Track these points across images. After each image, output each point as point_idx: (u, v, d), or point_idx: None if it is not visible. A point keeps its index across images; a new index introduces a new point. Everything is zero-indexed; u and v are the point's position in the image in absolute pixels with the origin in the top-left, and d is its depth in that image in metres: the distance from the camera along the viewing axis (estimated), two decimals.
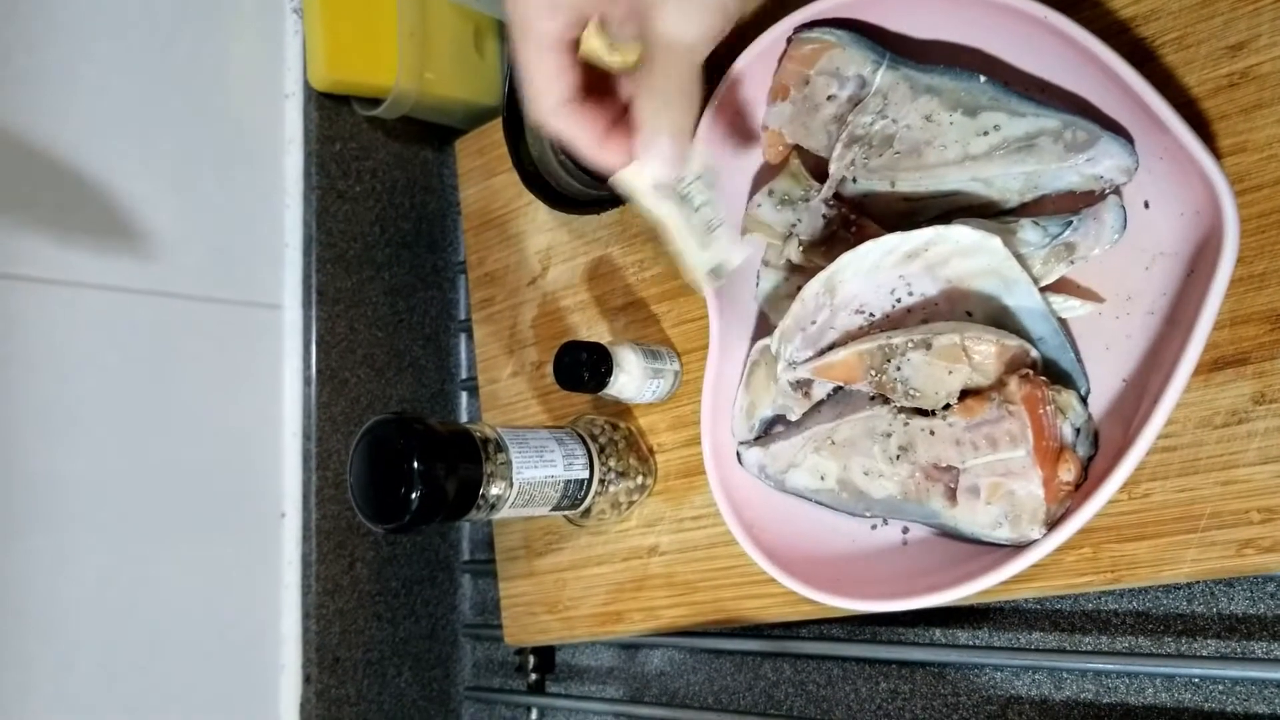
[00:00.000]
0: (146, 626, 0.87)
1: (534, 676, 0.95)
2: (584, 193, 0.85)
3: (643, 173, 0.57)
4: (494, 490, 0.71)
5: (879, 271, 0.62)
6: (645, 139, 0.54)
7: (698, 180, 0.61)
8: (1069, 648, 0.69)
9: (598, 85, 0.58)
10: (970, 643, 0.73)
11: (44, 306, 0.82)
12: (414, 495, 0.66)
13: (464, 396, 1.08)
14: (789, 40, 0.67)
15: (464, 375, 1.08)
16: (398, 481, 0.66)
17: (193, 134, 0.93)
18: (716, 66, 0.70)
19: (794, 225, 0.69)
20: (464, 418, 1.08)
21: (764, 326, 0.73)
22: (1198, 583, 0.65)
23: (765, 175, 0.72)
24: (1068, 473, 0.57)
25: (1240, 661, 0.62)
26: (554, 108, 0.55)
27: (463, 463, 0.69)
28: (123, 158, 0.88)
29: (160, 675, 0.87)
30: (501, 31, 1.05)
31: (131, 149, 0.89)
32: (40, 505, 0.82)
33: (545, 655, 0.96)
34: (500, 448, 0.72)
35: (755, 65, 0.68)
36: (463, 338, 1.08)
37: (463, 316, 1.08)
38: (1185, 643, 0.65)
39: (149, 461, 0.88)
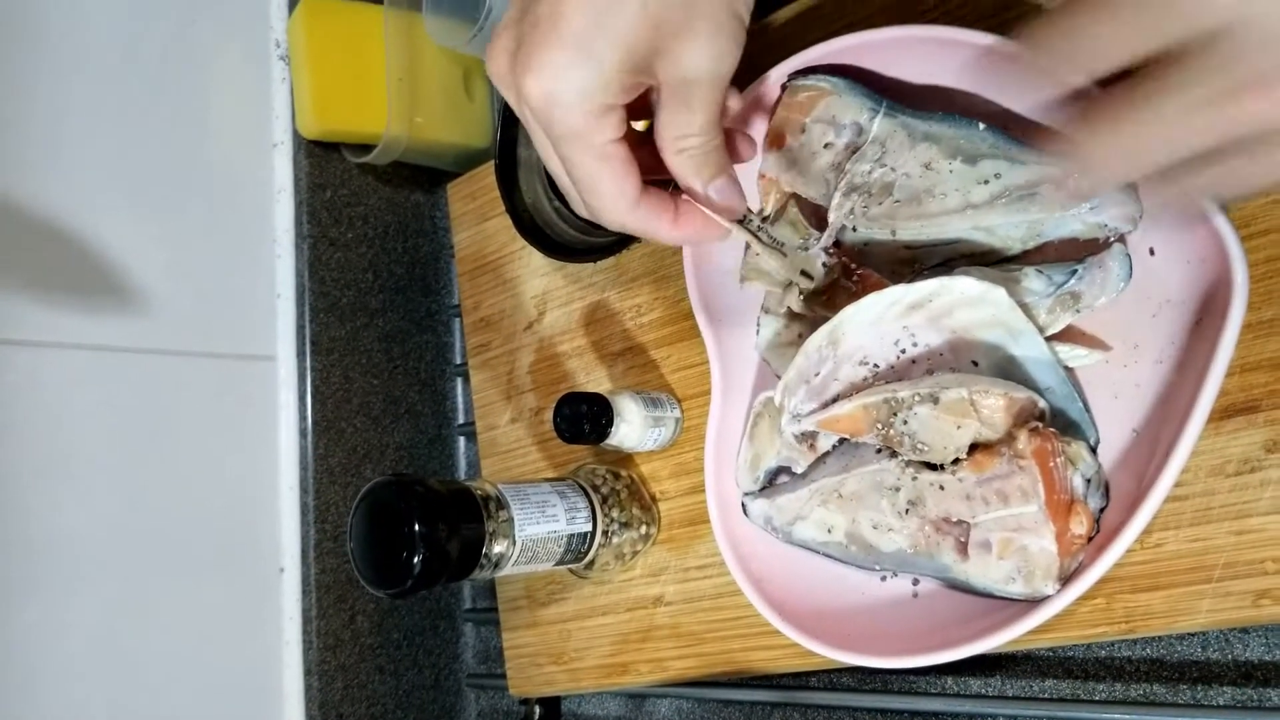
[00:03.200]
0: (147, 687, 0.85)
1: None
2: (580, 240, 0.84)
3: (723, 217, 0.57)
4: (497, 549, 0.70)
5: (882, 323, 0.62)
6: (708, 193, 0.54)
7: (754, 220, 0.60)
8: (1083, 696, 0.68)
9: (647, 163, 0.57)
10: (982, 691, 0.72)
11: (35, 370, 0.81)
12: (416, 558, 0.65)
13: (461, 442, 1.07)
14: (783, 87, 0.66)
15: (461, 420, 1.07)
16: (399, 545, 0.66)
17: (180, 187, 0.92)
18: None
19: None
20: (462, 464, 1.07)
21: (765, 374, 0.72)
22: (1213, 630, 0.64)
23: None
24: (1080, 525, 0.57)
25: (1257, 710, 0.62)
26: (629, 206, 0.53)
27: (464, 523, 0.69)
28: (109, 214, 0.87)
29: None
30: None
31: (118, 204, 0.88)
32: (39, 566, 0.81)
33: (551, 705, 0.95)
34: (501, 505, 0.71)
35: (750, 112, 0.68)
36: (459, 382, 1.08)
37: (459, 360, 1.07)
38: (1201, 690, 0.64)
39: (146, 521, 0.87)
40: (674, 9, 0.46)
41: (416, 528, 0.65)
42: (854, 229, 0.65)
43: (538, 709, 0.94)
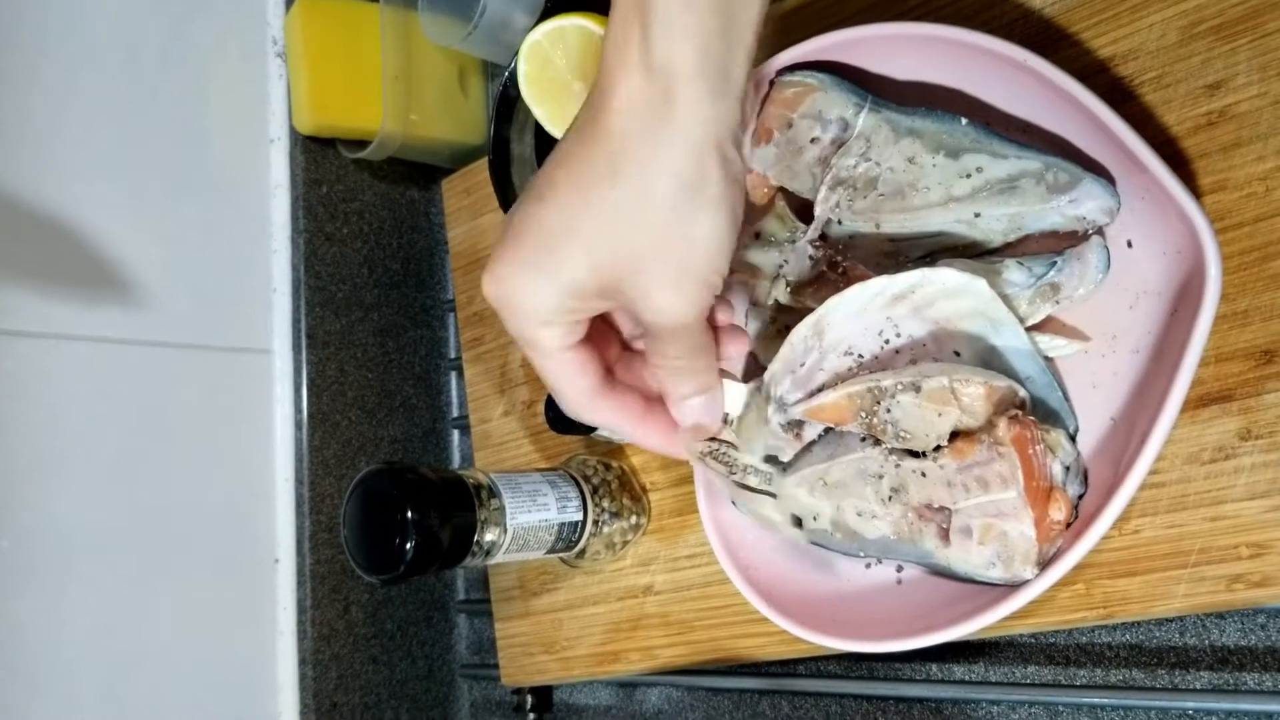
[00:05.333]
0: (143, 676, 0.86)
1: (532, 716, 0.95)
2: None
3: (692, 439, 0.58)
4: (488, 536, 0.71)
5: (866, 314, 0.63)
6: (677, 410, 0.55)
7: (727, 445, 0.61)
8: (1064, 681, 0.69)
9: (624, 365, 0.58)
10: (966, 678, 0.74)
11: (32, 360, 0.82)
12: (408, 545, 0.66)
13: (456, 435, 1.08)
14: (771, 83, 0.68)
15: (455, 414, 1.08)
16: (392, 532, 0.67)
17: (178, 181, 0.93)
18: None
19: (781, 266, 0.69)
20: (456, 456, 1.08)
21: (753, 366, 0.73)
22: (1190, 615, 0.65)
23: (750, 217, 0.73)
24: (1058, 512, 0.58)
25: (1233, 694, 0.63)
26: (585, 404, 0.54)
27: (456, 510, 0.70)
28: (108, 208, 0.88)
29: None
30: (485, 70, 1.06)
31: (116, 199, 0.89)
32: (34, 558, 0.82)
33: (543, 695, 0.96)
34: (493, 493, 0.72)
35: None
36: (453, 376, 1.09)
37: (453, 355, 1.09)
38: (1178, 675, 0.65)
39: (141, 512, 0.88)
40: (621, 256, 0.47)
41: (409, 515, 0.66)
42: (839, 222, 0.67)
43: (530, 698, 0.95)
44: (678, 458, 0.59)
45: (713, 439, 0.61)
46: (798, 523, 0.66)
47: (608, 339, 0.57)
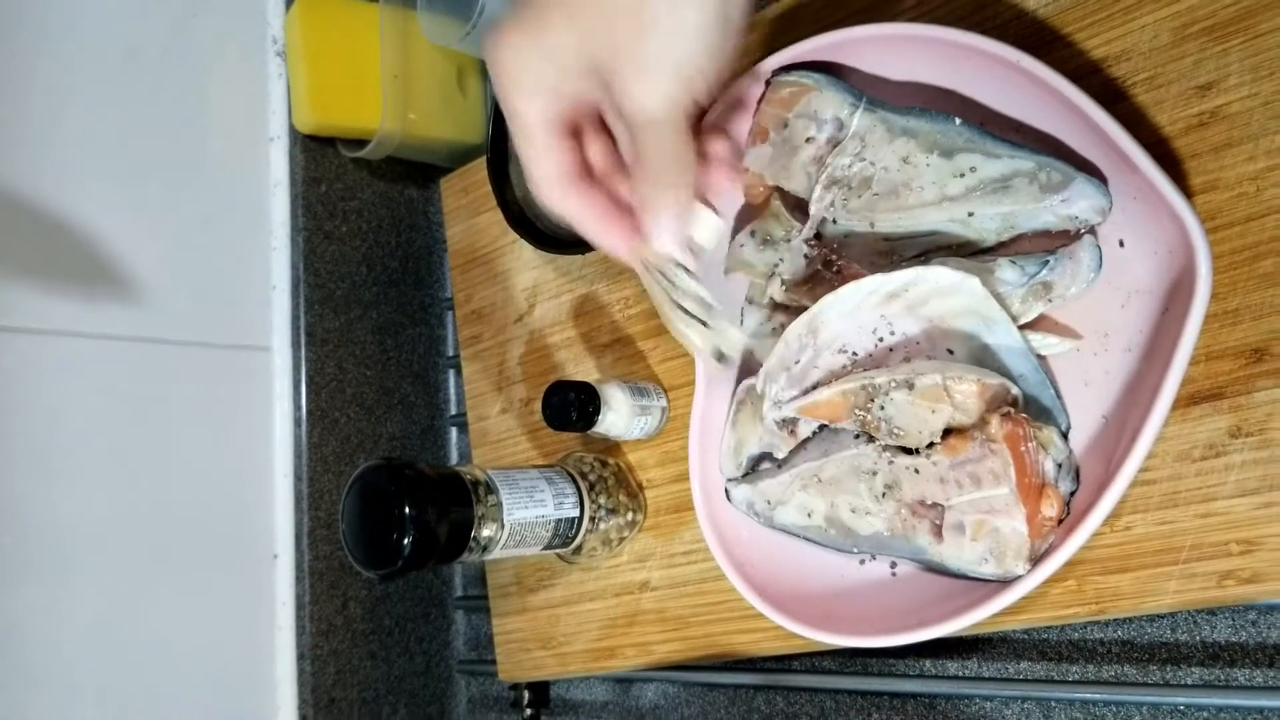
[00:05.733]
0: (142, 673, 0.87)
1: (529, 712, 0.96)
2: (570, 233, 0.86)
3: (646, 250, 0.56)
4: (485, 532, 0.72)
5: (860, 312, 0.63)
6: (645, 217, 0.54)
7: (679, 266, 0.59)
8: (1056, 677, 0.70)
9: (607, 177, 0.57)
10: (960, 673, 0.74)
11: (31, 356, 0.83)
12: (406, 540, 0.67)
13: (454, 433, 1.09)
14: (767, 83, 0.68)
15: (453, 412, 1.09)
16: (389, 527, 0.67)
17: (178, 180, 0.94)
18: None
19: (776, 265, 0.70)
20: (454, 454, 1.09)
21: (749, 363, 0.74)
22: (1181, 612, 0.66)
23: (747, 216, 0.73)
24: (1050, 508, 0.58)
25: (1223, 689, 0.63)
26: (553, 187, 0.54)
27: (453, 506, 0.70)
28: (108, 205, 0.89)
29: None
30: (484, 71, 1.06)
31: (116, 197, 0.89)
32: (34, 553, 0.82)
33: (540, 690, 0.96)
34: (490, 489, 0.73)
35: (735, 107, 0.69)
36: (451, 374, 1.09)
37: (451, 353, 1.09)
38: (1170, 671, 0.66)
39: (141, 507, 0.88)
40: (603, 33, 0.48)
41: (406, 510, 0.67)
42: (834, 221, 0.67)
43: (527, 694, 0.96)
44: (627, 262, 0.58)
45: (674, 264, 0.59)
46: (720, 356, 0.65)
47: (597, 143, 0.56)
